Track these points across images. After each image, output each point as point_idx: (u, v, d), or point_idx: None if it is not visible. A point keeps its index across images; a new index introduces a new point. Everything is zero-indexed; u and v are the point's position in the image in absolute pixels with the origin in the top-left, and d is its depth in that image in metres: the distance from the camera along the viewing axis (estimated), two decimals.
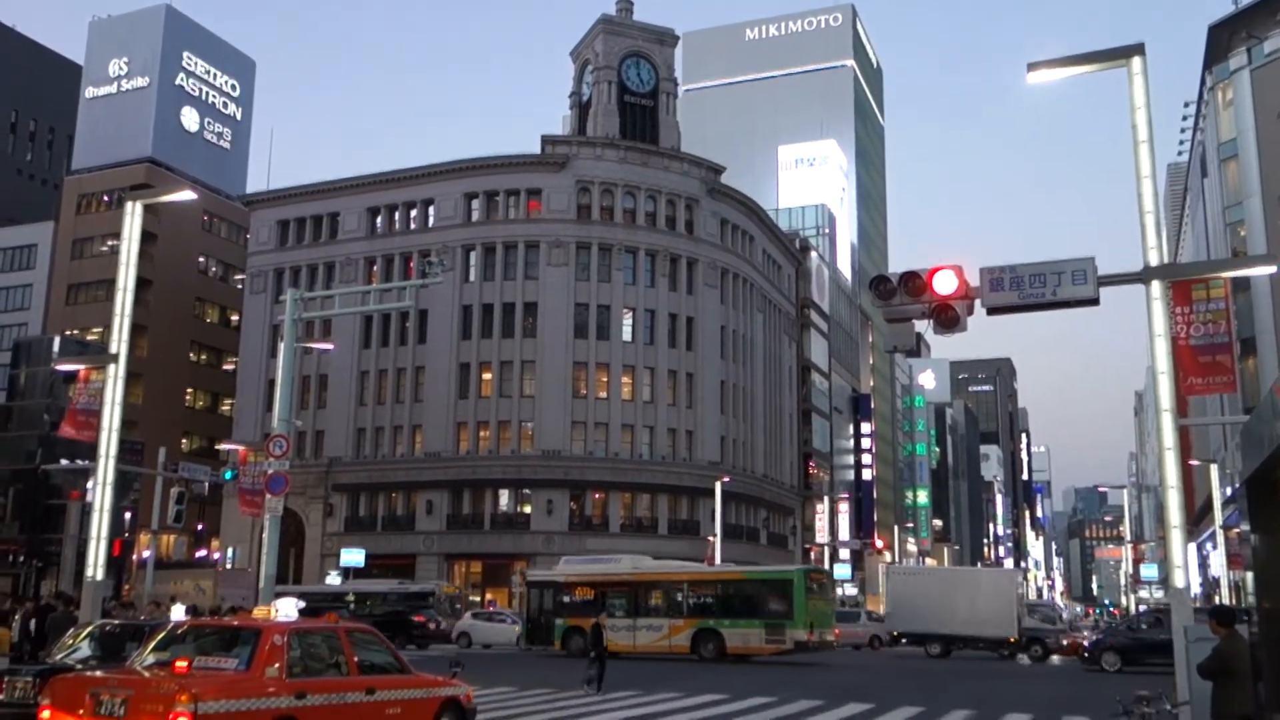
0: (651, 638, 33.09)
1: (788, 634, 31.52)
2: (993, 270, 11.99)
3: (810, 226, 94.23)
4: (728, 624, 32.69)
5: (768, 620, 32.15)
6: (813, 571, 35.12)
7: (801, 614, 31.65)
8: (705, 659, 31.55)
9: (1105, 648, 32.54)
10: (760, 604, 32.84)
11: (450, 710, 12.17)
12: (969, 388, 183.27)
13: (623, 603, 34.54)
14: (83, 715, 9.45)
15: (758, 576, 35.40)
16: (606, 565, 36.85)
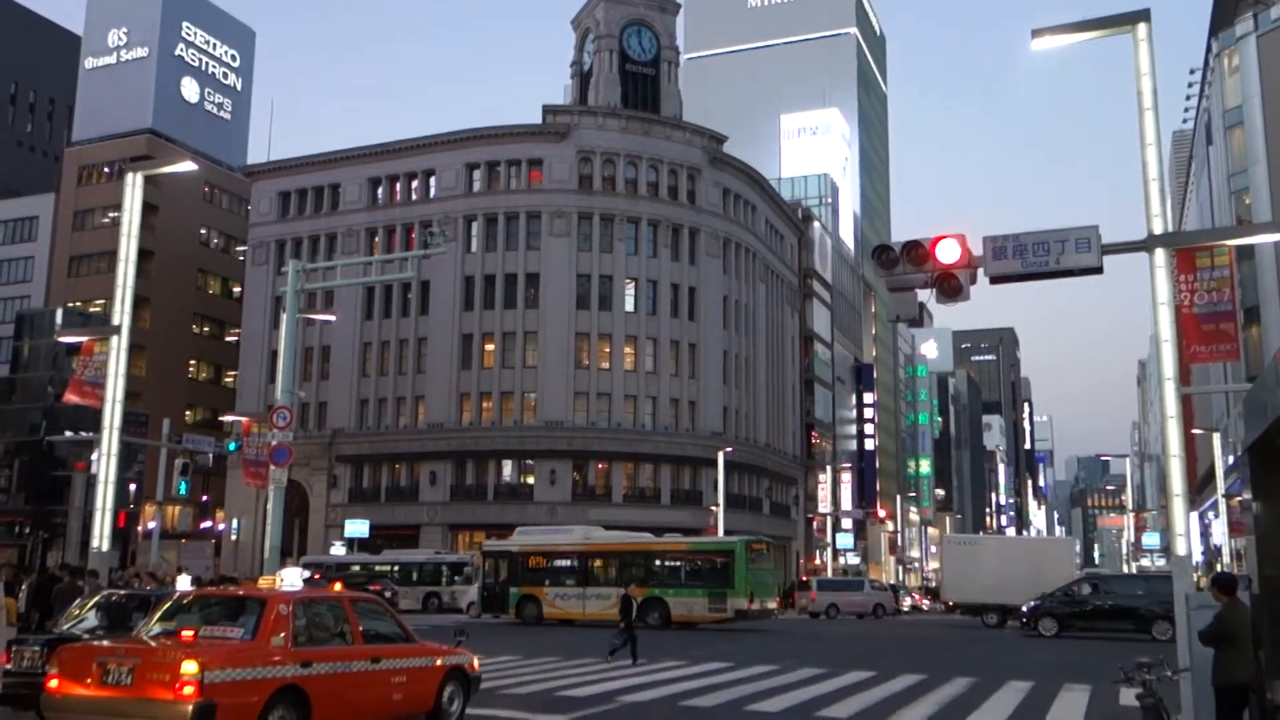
0: (600, 606, 33.92)
1: (729, 602, 32.52)
2: (996, 239, 11.95)
3: (813, 196, 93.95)
4: (672, 593, 33.81)
5: (710, 589, 33.25)
6: (753, 542, 35.80)
7: (742, 583, 32.69)
8: (651, 626, 32.32)
9: (1042, 614, 33.60)
10: (703, 574, 33.99)
11: (455, 678, 12.25)
12: (972, 357, 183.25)
13: (574, 572, 35.70)
14: (90, 684, 9.51)
15: (701, 547, 36.51)
16: (558, 536, 38.15)
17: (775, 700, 15.18)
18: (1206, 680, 9.36)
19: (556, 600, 35.14)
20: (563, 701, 14.59)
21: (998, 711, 14.57)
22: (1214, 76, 48.48)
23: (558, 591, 35.40)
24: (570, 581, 35.44)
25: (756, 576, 33.68)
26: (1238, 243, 13.24)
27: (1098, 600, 33.54)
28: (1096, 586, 34.97)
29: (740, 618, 32.83)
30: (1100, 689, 16.63)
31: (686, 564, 34.82)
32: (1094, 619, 32.85)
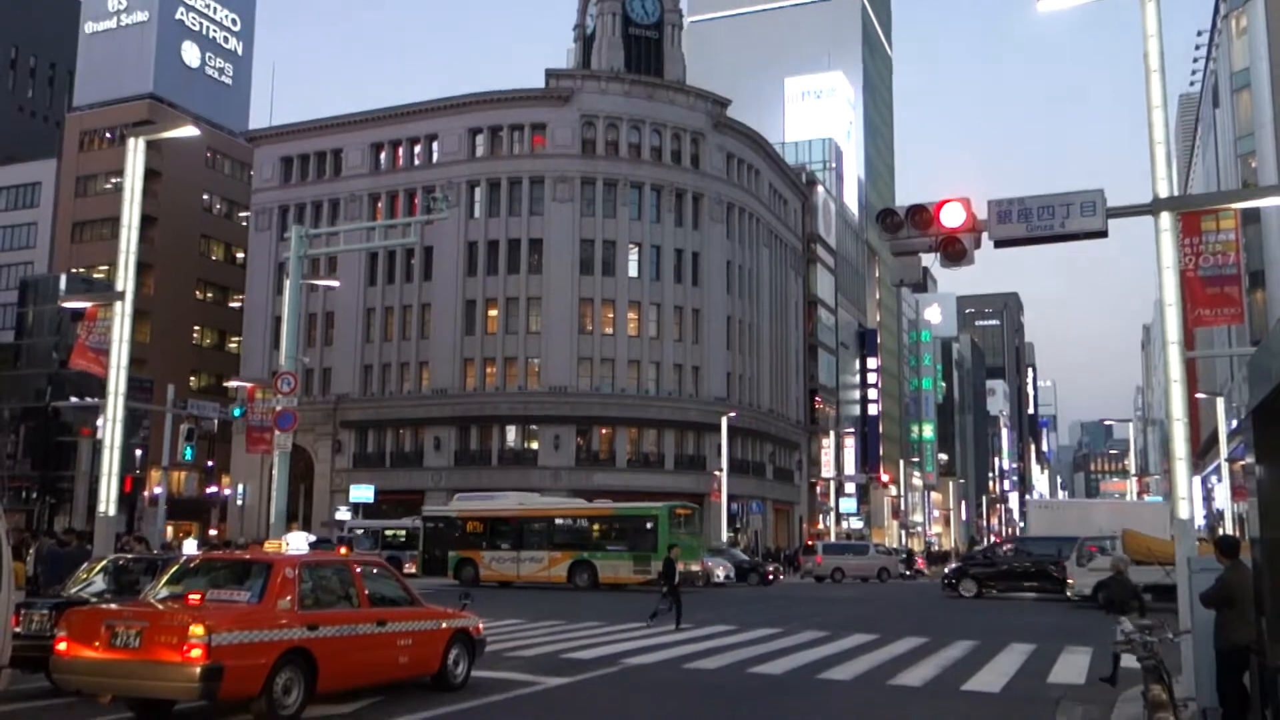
0: (533, 568, 35.38)
1: (653, 565, 33.23)
2: (1000, 203, 11.89)
3: (817, 160, 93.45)
4: (600, 556, 35.21)
5: (635, 553, 34.62)
6: (678, 508, 36.71)
7: (664, 545, 33.20)
8: (580, 588, 33.60)
9: (963, 575, 34.53)
10: (629, 538, 35.42)
11: (460, 641, 12.35)
12: (976, 322, 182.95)
13: (509, 536, 36.88)
14: (98, 647, 9.59)
15: (627, 513, 37.34)
16: (495, 501, 39.61)
17: (778, 662, 15.30)
18: (1207, 642, 9.42)
19: (493, 563, 36.33)
20: (568, 664, 14.71)
21: (999, 672, 14.67)
22: (1221, 39, 48.05)
23: (494, 555, 36.65)
24: (505, 546, 36.77)
25: (681, 541, 34.06)
26: (1243, 206, 13.19)
27: (1016, 562, 34.23)
28: (1018, 549, 35.53)
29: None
30: (1101, 651, 16.73)
31: (614, 529, 36.29)
32: (1012, 579, 33.43)
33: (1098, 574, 29.20)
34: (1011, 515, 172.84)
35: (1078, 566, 30.51)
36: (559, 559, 35.68)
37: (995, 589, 33.51)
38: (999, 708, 11.85)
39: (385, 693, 11.43)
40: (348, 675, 10.80)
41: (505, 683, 12.75)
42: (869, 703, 12.14)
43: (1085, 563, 30.27)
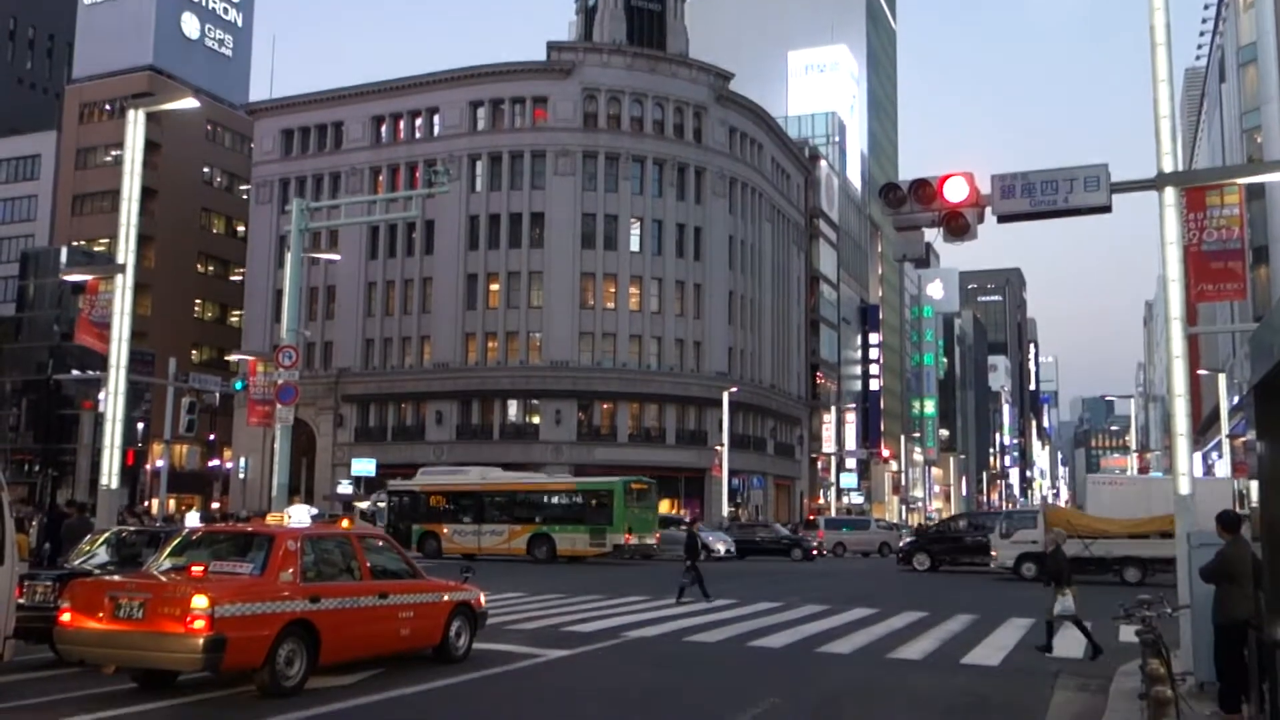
0: (494, 541, 35.85)
1: (608, 538, 34.42)
2: (1004, 177, 11.83)
3: (820, 135, 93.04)
4: (558, 529, 35.69)
5: (592, 526, 35.10)
6: (633, 482, 37.20)
7: (621, 520, 34.60)
8: (539, 560, 34.03)
9: (917, 549, 34.84)
10: (586, 512, 35.88)
11: (462, 613, 12.40)
12: (978, 298, 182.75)
13: (470, 510, 37.46)
14: (102, 618, 9.63)
15: (584, 487, 37.95)
16: (457, 476, 40.35)
17: (778, 636, 15.37)
18: (1205, 617, 9.45)
19: (454, 536, 36.69)
20: (569, 636, 14.77)
21: (998, 646, 14.74)
22: (1228, 12, 47.73)
23: (455, 528, 37.07)
24: (467, 519, 37.28)
25: (636, 515, 35.55)
26: (1248, 181, 13.14)
27: (968, 536, 34.28)
28: (973, 524, 35.70)
29: (619, 552, 34.62)
30: (1100, 626, 16.78)
31: (572, 503, 36.80)
32: (961, 553, 33.51)
33: (1020, 547, 30.02)
34: (1012, 490, 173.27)
35: (1001, 539, 31.05)
36: (518, 532, 36.20)
37: (947, 561, 33.54)
38: (998, 681, 11.91)
39: (387, 665, 11.48)
40: (350, 647, 10.86)
41: (507, 655, 12.82)
42: (868, 676, 12.20)
43: (1010, 535, 30.79)
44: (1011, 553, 30.16)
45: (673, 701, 10.31)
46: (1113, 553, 27.83)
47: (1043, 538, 28.53)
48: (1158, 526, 30.43)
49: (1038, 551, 28.83)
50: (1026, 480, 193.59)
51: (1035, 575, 28.46)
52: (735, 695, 10.52)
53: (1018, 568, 29.72)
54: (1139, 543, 28.76)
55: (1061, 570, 14.17)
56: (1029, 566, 29.23)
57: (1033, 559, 29.17)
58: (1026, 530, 30.28)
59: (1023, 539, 30.14)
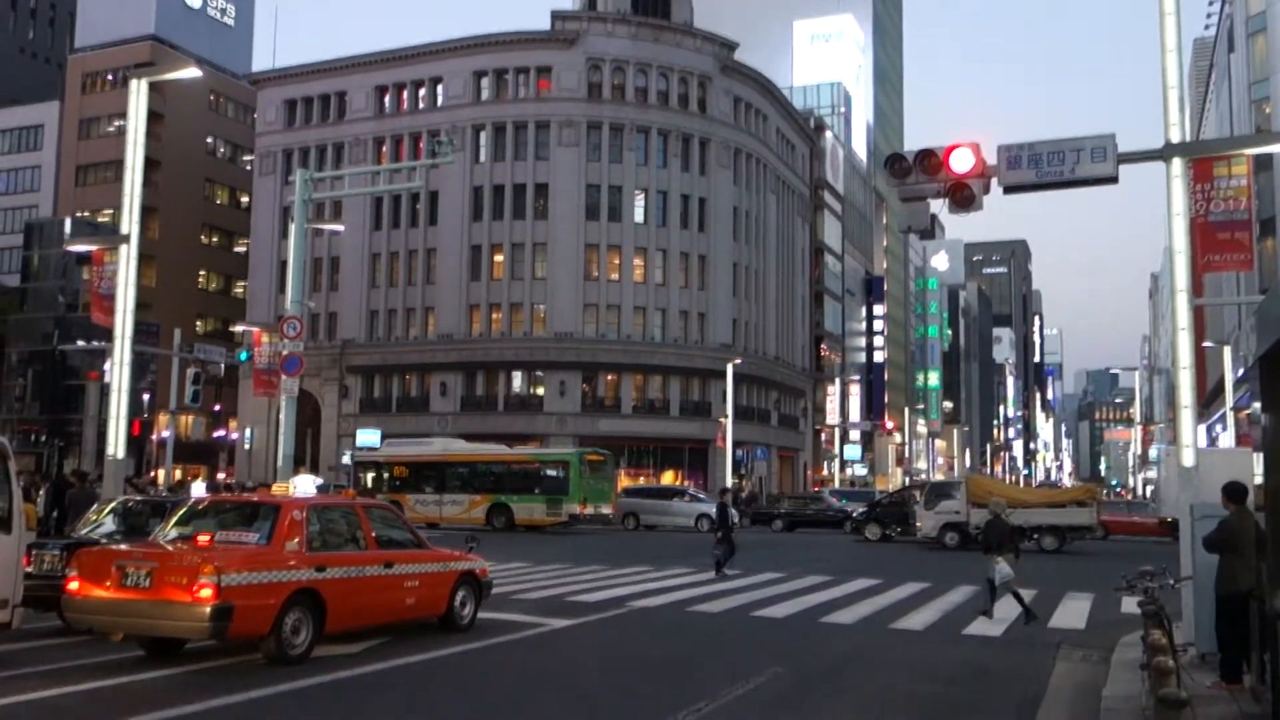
0: (455, 511, 36.46)
1: (564, 508, 35.31)
2: (1010, 148, 11.78)
3: (825, 105, 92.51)
4: (516, 499, 36.40)
5: (548, 496, 35.86)
6: (589, 454, 38.20)
7: (576, 491, 35.50)
8: (498, 529, 34.57)
9: (869, 520, 35.12)
10: (543, 482, 36.72)
11: (467, 583, 12.47)
12: (983, 270, 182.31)
13: (432, 481, 38.17)
14: (109, 587, 9.70)
15: (541, 459, 39.17)
16: (421, 447, 41.08)
17: (782, 606, 15.44)
18: (1208, 589, 9.48)
19: (418, 506, 36.97)
20: (573, 606, 14.85)
21: (1000, 617, 14.79)
22: None
23: (419, 498, 37.57)
24: (429, 489, 37.94)
25: (592, 485, 36.34)
26: (1256, 152, 13.05)
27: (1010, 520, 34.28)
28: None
29: (574, 521, 35.47)
30: (1102, 598, 16.87)
31: (529, 474, 37.56)
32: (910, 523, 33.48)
33: (943, 517, 30.70)
34: (1015, 462, 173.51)
35: (925, 510, 31.60)
36: (478, 502, 36.86)
37: (900, 532, 33.45)
38: (1000, 651, 11.97)
39: (393, 634, 11.56)
40: (355, 616, 10.93)
41: (511, 624, 12.90)
42: (871, 645, 12.27)
43: (933, 506, 31.37)
44: (934, 523, 30.94)
45: (676, 670, 10.37)
46: (1031, 521, 28.58)
47: (964, 508, 30.00)
48: (1071, 496, 32.04)
49: (959, 521, 30.16)
50: (1030, 452, 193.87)
51: (958, 544, 29.69)
52: (738, 664, 10.59)
53: (941, 537, 30.49)
54: (1055, 512, 30.24)
55: (1001, 539, 14.74)
56: (951, 536, 30.11)
57: (955, 528, 30.16)
58: (949, 501, 31.01)
59: (945, 509, 30.89)
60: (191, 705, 8.05)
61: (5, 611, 9.89)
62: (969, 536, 29.25)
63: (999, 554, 14.45)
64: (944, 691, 9.51)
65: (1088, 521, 30.10)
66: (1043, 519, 29.44)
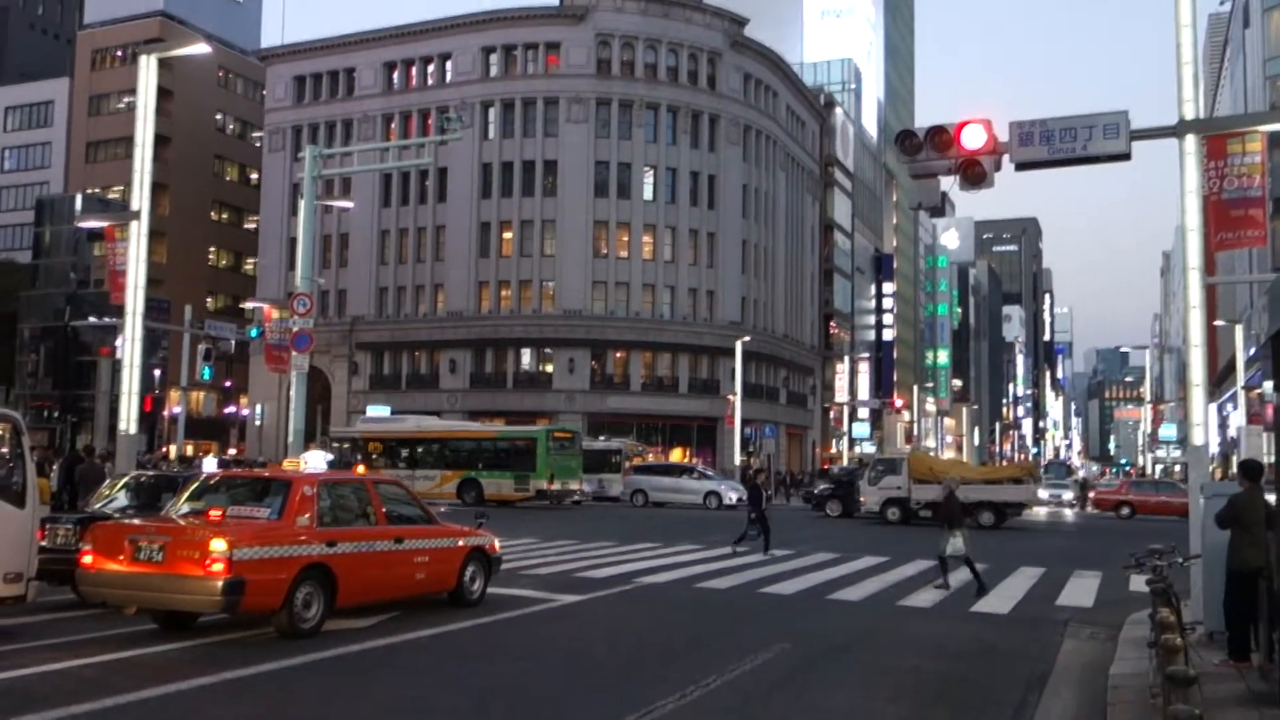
0: (427, 485, 36.80)
1: (531, 483, 36.13)
2: (1022, 124, 11.72)
3: (836, 82, 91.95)
4: (486, 475, 37.25)
5: (517, 472, 36.67)
6: (556, 431, 39.74)
7: (544, 467, 36.24)
8: (467, 504, 34.83)
9: (828, 497, 35.65)
10: (511, 458, 37.59)
11: (476, 558, 12.54)
12: (993, 247, 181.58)
13: (405, 456, 39.21)
14: (122, 561, 9.77)
15: (510, 435, 40.13)
16: (395, 424, 42.55)
17: (789, 583, 15.49)
18: (1217, 567, 9.49)
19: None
20: (582, 582, 14.92)
21: (1008, 595, 14.84)
22: None
23: (391, 473, 37.84)
24: (402, 465, 38.68)
25: (559, 461, 37.02)
26: (1271, 129, 12.95)
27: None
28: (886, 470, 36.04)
29: (540, 497, 36.06)
30: (1110, 575, 16.89)
31: (499, 450, 38.61)
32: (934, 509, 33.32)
33: (886, 492, 31.72)
34: (1024, 441, 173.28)
35: (869, 485, 32.48)
36: (449, 477, 37.61)
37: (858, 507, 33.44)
38: (1007, 629, 12.01)
39: (403, 609, 11.64)
40: (366, 591, 11.00)
41: (520, 599, 12.97)
42: (877, 623, 12.31)
43: (876, 482, 32.26)
44: (878, 498, 31.92)
45: (684, 645, 10.43)
46: (969, 498, 28.50)
47: (906, 483, 31.05)
48: (1009, 473, 32.99)
49: (901, 497, 31.21)
50: (1039, 431, 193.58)
51: (899, 519, 30.86)
52: (745, 640, 10.63)
53: (883, 512, 31.51)
54: (993, 488, 30.92)
55: (954, 514, 15.51)
56: (893, 510, 31.26)
57: (896, 503, 31.25)
58: (892, 477, 31.88)
59: (888, 485, 31.86)
60: (205, 677, 8.13)
61: (20, 585, 9.97)
62: (910, 511, 30.70)
63: (954, 528, 15.12)
64: (951, 668, 9.55)
65: (1024, 498, 31.29)
66: (982, 495, 29.87)
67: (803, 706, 7.79)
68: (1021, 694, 8.47)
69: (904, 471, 31.59)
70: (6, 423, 10.76)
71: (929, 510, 28.69)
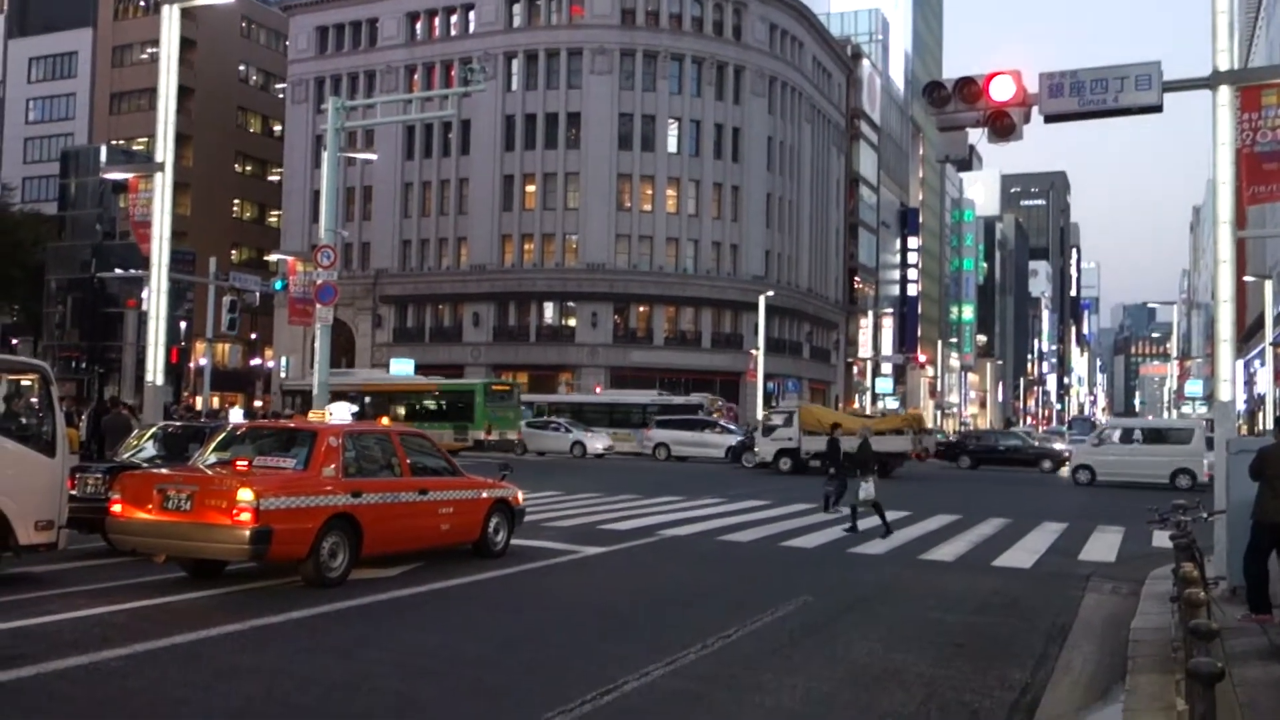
0: None
1: (470, 434, 37.85)
2: (1052, 75, 11.53)
3: (863, 32, 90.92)
4: (428, 425, 38.07)
5: (456, 423, 38.14)
6: (494, 384, 42.07)
7: (481, 418, 38.16)
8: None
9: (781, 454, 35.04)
10: (451, 410, 39.42)
11: (500, 510, 12.63)
12: (1021, 202, 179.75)
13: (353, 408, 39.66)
14: (151, 509, 9.90)
15: (450, 388, 42.26)
16: (344, 377, 42.74)
17: (812, 536, 15.56)
18: (1240, 523, 9.45)
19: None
20: (605, 534, 15.03)
21: (1030, 549, 14.84)
22: None
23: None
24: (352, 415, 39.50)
25: (497, 412, 38.72)
26: None
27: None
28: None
29: (479, 447, 37.23)
30: (1133, 530, 16.86)
31: (439, 402, 40.59)
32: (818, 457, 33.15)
33: (778, 443, 32.82)
34: (1048, 397, 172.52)
35: (763, 437, 33.69)
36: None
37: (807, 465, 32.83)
38: (1029, 583, 12.02)
39: (427, 559, 11.76)
40: (391, 541, 11.11)
41: (544, 551, 13.08)
42: (900, 576, 12.34)
43: (770, 434, 33.41)
44: (771, 449, 33.02)
45: (707, 596, 10.50)
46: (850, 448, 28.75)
47: (796, 435, 32.21)
48: (891, 424, 33.71)
49: (792, 448, 32.37)
50: (1064, 387, 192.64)
51: (790, 469, 31.97)
52: (768, 592, 10.70)
53: (776, 461, 32.63)
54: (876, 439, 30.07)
55: (869, 461, 16.47)
56: (785, 460, 32.41)
57: (788, 454, 32.39)
58: (784, 429, 32.89)
59: (780, 437, 32.92)
60: (233, 624, 8.25)
61: (51, 532, 10.13)
62: (801, 462, 31.80)
63: (865, 475, 16.03)
64: (972, 621, 9.58)
65: (904, 449, 32.35)
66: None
67: (824, 658, 7.84)
68: (1042, 647, 8.49)
69: (796, 424, 32.56)
70: (35, 373, 10.87)
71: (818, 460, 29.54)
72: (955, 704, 6.65)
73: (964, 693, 6.91)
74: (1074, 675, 7.57)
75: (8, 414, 11.09)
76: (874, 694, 6.84)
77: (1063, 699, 6.90)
